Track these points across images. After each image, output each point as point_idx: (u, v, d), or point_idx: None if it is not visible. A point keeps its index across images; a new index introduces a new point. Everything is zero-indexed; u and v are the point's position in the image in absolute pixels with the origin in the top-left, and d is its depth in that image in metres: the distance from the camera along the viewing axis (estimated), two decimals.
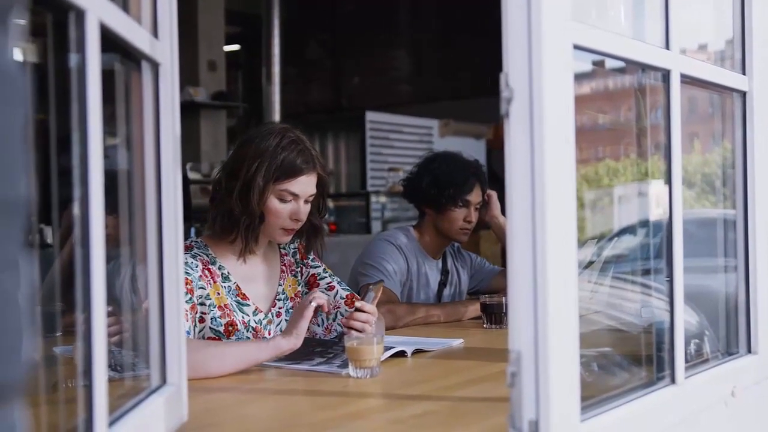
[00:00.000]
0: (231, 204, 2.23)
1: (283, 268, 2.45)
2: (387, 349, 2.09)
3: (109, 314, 1.06)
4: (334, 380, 1.90)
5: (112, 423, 1.13)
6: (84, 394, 1.05)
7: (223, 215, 2.26)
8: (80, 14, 1.02)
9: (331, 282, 2.47)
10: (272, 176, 2.22)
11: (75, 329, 1.10)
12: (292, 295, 2.44)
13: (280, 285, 2.42)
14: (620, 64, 1.61)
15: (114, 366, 1.34)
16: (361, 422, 1.58)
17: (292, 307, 2.40)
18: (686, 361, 1.59)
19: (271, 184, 2.23)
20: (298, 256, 2.49)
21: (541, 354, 1.20)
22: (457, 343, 2.41)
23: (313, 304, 2.04)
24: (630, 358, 1.77)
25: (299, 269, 2.48)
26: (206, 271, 2.24)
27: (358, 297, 2.46)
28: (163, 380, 1.42)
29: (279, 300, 2.40)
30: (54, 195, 1.09)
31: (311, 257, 2.51)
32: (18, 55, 0.60)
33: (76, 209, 1.04)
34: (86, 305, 1.05)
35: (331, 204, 8.01)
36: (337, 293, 2.43)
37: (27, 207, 0.59)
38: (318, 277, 2.48)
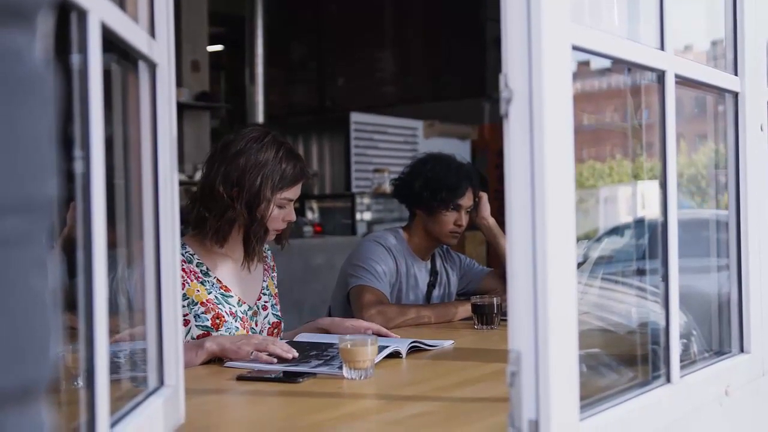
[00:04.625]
0: (235, 214, 2.30)
1: (266, 267, 2.54)
2: (381, 349, 2.09)
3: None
4: (328, 382, 1.90)
5: (112, 425, 1.12)
6: (86, 395, 1.05)
7: (227, 224, 2.32)
8: (82, 14, 1.01)
9: (276, 303, 2.55)
10: (277, 187, 2.32)
11: (70, 331, 1.10)
12: (274, 293, 2.54)
13: (264, 281, 2.50)
14: (606, 64, 1.62)
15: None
16: (359, 423, 1.58)
17: (274, 304, 2.51)
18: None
19: (276, 194, 2.32)
20: (272, 263, 2.60)
21: (541, 354, 1.20)
22: (448, 344, 2.42)
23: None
24: (623, 358, 1.78)
25: (274, 274, 2.59)
26: (182, 271, 2.26)
27: (280, 329, 2.55)
28: (161, 382, 1.41)
29: (264, 294, 2.48)
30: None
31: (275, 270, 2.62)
32: (45, 55, 0.60)
33: (77, 211, 1.03)
34: (88, 307, 1.04)
35: (315, 205, 8.01)
36: (267, 316, 2.49)
37: (54, 207, 0.59)
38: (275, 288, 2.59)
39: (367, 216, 7.83)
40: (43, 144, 0.57)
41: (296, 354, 2.09)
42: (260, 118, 8.87)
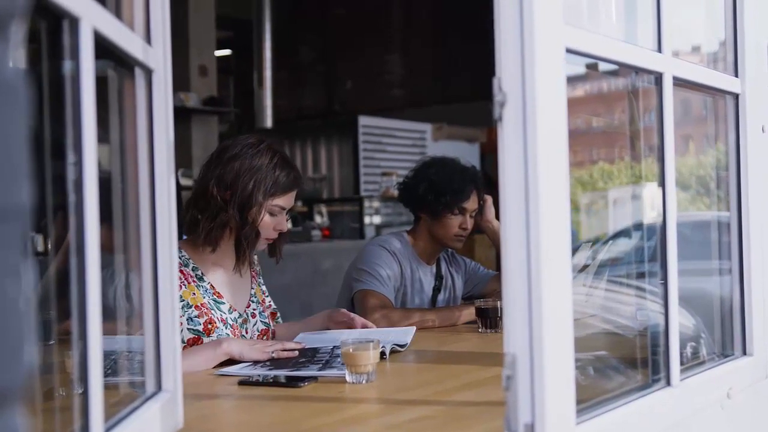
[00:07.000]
0: (227, 217, 2.33)
1: (254, 274, 2.57)
2: None
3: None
4: (329, 386, 1.90)
5: (107, 430, 1.13)
6: (80, 401, 1.05)
7: (219, 227, 2.34)
8: (74, 22, 1.02)
9: (263, 310, 2.57)
10: (269, 193, 2.34)
11: (69, 337, 1.10)
12: (261, 300, 2.57)
13: (252, 288, 2.54)
14: (613, 66, 1.61)
15: (107, 372, 1.34)
16: (358, 427, 1.58)
17: (262, 311, 2.53)
18: (682, 364, 1.59)
19: (268, 200, 2.35)
20: (258, 268, 2.63)
21: (536, 357, 1.20)
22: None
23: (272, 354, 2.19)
24: (625, 361, 1.77)
25: (260, 279, 2.62)
26: (179, 273, 2.29)
27: (269, 336, 2.56)
28: (159, 387, 1.42)
29: (252, 302, 2.52)
30: (47, 203, 1.09)
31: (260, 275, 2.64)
32: (18, 63, 0.61)
33: (70, 217, 1.04)
34: (81, 313, 1.05)
35: (324, 209, 8.01)
36: (256, 324, 2.52)
37: (28, 214, 0.60)
38: (265, 294, 2.63)
39: (376, 219, 7.83)
40: (15, 152, 0.57)
41: (305, 345, 2.28)
42: (269, 122, 8.87)
